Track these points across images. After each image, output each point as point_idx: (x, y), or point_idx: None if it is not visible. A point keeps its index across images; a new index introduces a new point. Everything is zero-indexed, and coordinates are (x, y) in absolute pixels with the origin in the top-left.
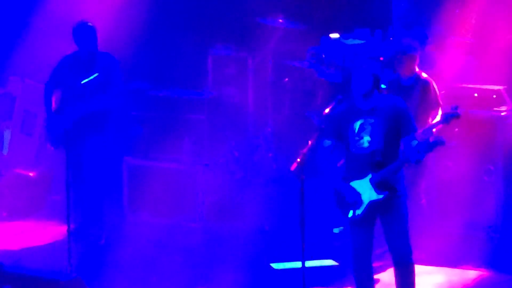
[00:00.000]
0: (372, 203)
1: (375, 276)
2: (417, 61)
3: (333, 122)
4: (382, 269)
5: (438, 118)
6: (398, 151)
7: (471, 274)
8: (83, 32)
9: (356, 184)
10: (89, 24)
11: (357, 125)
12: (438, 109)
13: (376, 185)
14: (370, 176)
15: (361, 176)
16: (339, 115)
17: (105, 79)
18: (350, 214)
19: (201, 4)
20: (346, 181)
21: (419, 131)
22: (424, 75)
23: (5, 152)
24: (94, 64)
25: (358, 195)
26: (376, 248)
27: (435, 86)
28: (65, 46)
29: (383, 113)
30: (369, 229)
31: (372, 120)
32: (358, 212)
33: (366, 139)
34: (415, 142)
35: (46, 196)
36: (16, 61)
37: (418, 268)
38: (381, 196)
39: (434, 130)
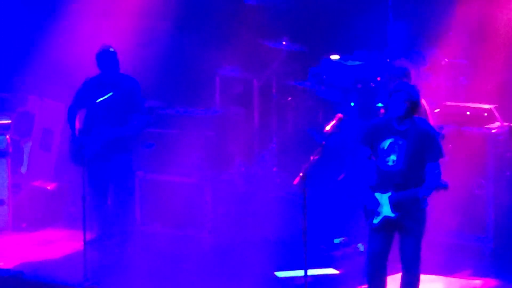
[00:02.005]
0: (386, 218)
1: None
2: (411, 81)
3: (370, 131)
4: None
5: None
6: (422, 175)
7: (464, 282)
8: (106, 57)
9: (379, 196)
10: (111, 49)
11: (387, 142)
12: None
13: (393, 204)
14: (389, 193)
15: (383, 191)
16: (376, 126)
17: (128, 102)
18: (370, 220)
19: (210, 28)
20: (372, 190)
21: None
22: None
23: (23, 170)
24: (116, 86)
25: (377, 206)
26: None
27: (425, 103)
28: (80, 67)
29: (413, 136)
30: (386, 237)
31: (401, 142)
32: (375, 221)
33: (392, 158)
34: (437, 171)
35: (63, 208)
36: (35, 81)
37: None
38: (393, 215)
39: None
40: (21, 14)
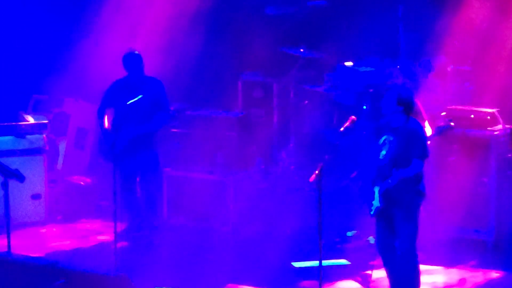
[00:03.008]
0: (377, 208)
1: (378, 270)
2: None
3: (376, 131)
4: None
5: (429, 131)
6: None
7: (468, 272)
8: (132, 60)
9: (375, 189)
10: (136, 52)
11: (383, 138)
12: (424, 122)
13: (380, 195)
14: (379, 187)
15: (377, 184)
16: (380, 126)
17: (154, 101)
18: (369, 212)
19: (234, 37)
20: (372, 184)
21: None
22: None
23: (59, 166)
24: (142, 87)
25: (372, 198)
26: None
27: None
28: (112, 70)
29: (401, 133)
30: (385, 227)
31: (392, 138)
32: (371, 213)
33: (383, 152)
34: (415, 166)
35: (95, 202)
36: (70, 84)
37: (420, 267)
38: (379, 205)
39: (428, 142)
40: (56, 23)
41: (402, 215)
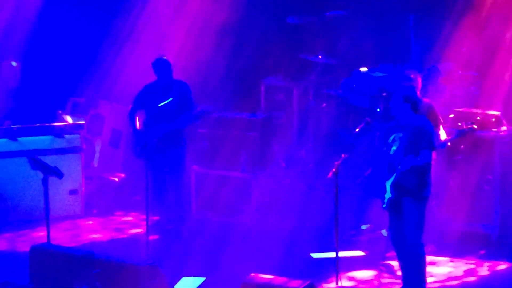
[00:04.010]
0: (389, 200)
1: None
2: (419, 88)
3: (387, 127)
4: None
5: (443, 134)
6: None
7: (473, 264)
8: (161, 65)
9: (386, 183)
10: (165, 58)
11: (393, 136)
12: (440, 126)
13: (390, 186)
14: (391, 179)
15: (388, 177)
16: (390, 126)
17: (180, 103)
18: (382, 205)
19: (257, 44)
20: (383, 179)
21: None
22: (426, 100)
23: (95, 164)
24: (171, 90)
25: (384, 191)
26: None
27: (435, 108)
28: (143, 75)
29: (409, 130)
30: (397, 218)
31: (401, 134)
32: (384, 205)
33: (393, 148)
34: (422, 156)
35: (128, 197)
36: (106, 88)
37: (429, 258)
38: (390, 195)
39: (449, 144)
40: (92, 32)
41: (411, 204)
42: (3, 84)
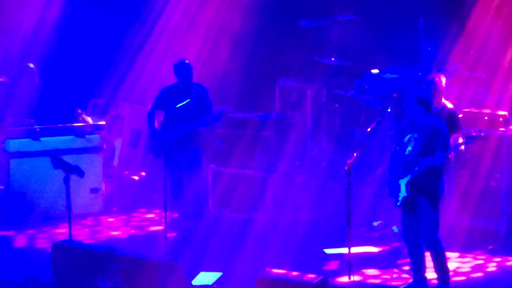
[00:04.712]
0: (403, 198)
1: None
2: (442, 93)
3: (398, 132)
4: None
5: (460, 139)
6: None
7: (481, 259)
8: (183, 68)
9: (401, 182)
10: (186, 61)
11: (408, 137)
12: (459, 132)
13: (406, 185)
14: (406, 178)
15: (403, 176)
16: (403, 127)
17: (199, 105)
18: (396, 203)
19: (272, 46)
20: (398, 178)
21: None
22: (449, 105)
23: (115, 163)
24: (190, 92)
25: (398, 190)
26: None
27: (456, 114)
28: (162, 77)
29: (424, 130)
30: (410, 216)
31: (416, 135)
32: (398, 203)
33: (409, 148)
34: (437, 156)
35: (147, 195)
36: (125, 89)
37: None
38: (405, 194)
39: (462, 147)
40: (112, 35)
41: (426, 203)
42: (25, 86)
